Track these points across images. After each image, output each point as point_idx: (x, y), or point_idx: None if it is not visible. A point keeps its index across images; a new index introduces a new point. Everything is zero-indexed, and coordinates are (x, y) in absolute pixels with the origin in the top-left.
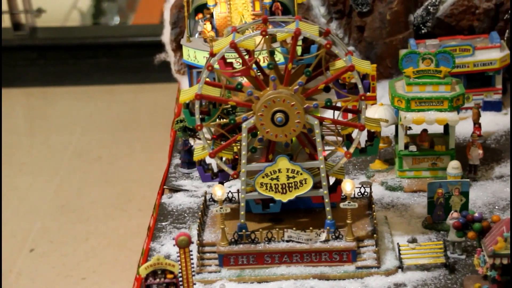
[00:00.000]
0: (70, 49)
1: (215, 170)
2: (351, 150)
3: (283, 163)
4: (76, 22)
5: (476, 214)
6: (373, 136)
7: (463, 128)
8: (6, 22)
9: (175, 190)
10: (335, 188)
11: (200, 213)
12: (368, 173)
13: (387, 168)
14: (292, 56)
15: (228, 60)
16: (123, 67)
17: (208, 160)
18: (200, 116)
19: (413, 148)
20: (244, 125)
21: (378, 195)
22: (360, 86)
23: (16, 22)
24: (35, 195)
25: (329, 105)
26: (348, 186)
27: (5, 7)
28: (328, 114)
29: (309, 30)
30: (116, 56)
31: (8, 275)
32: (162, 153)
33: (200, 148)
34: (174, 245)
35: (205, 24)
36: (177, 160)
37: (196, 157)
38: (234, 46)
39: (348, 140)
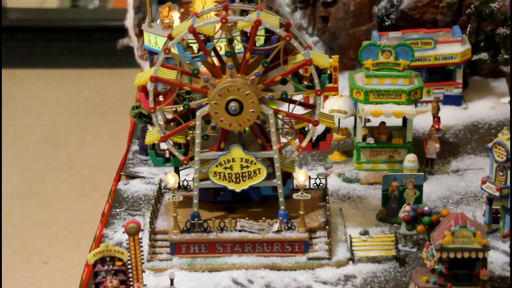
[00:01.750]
0: (41, 31)
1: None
2: (303, 144)
3: (237, 152)
4: (54, 4)
5: (426, 208)
6: (326, 131)
7: (423, 121)
8: None
9: (132, 176)
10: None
11: (153, 201)
12: (326, 164)
13: (345, 160)
14: (250, 45)
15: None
16: (94, 51)
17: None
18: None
19: (370, 140)
20: (198, 113)
21: (334, 187)
22: (316, 81)
23: None
24: None
25: (285, 98)
26: (301, 177)
27: None
28: (284, 107)
29: (270, 21)
30: (88, 39)
31: None
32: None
33: (152, 131)
34: (123, 232)
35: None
36: (135, 147)
37: (148, 140)
38: (192, 31)
39: (301, 133)
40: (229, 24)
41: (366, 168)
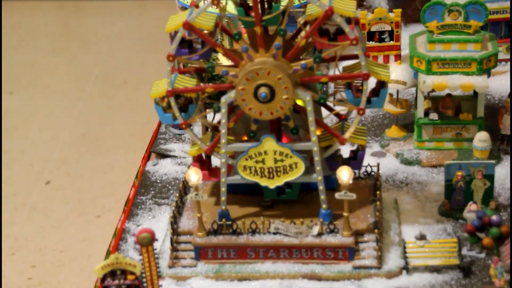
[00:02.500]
0: None
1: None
2: (362, 105)
3: (269, 144)
4: None
5: (494, 217)
6: (380, 86)
7: (500, 85)
8: None
9: (162, 155)
10: (355, 156)
11: (178, 194)
12: (382, 140)
13: (405, 136)
14: (257, 16)
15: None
16: None
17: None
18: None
19: (434, 116)
20: (223, 99)
21: (391, 170)
22: (364, 98)
23: None
24: (56, 122)
25: (318, 62)
26: (345, 174)
27: None
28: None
29: (344, 8)
30: None
31: (21, 208)
32: None
33: (160, 83)
34: (135, 243)
35: None
36: None
37: (154, 94)
38: (188, 27)
39: (349, 88)
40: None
41: (429, 148)
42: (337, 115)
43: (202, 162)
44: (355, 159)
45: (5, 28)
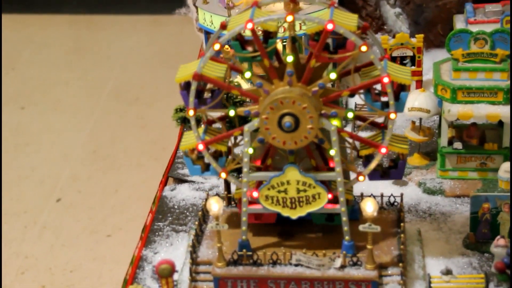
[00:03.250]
0: None
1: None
2: (365, 172)
3: (292, 174)
4: None
5: None
6: (400, 90)
7: None
8: None
9: (180, 180)
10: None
11: (197, 222)
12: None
13: (427, 164)
14: (318, 51)
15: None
16: None
17: None
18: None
19: (458, 145)
20: (246, 128)
21: (413, 199)
22: (391, 102)
23: None
24: (67, 138)
25: (335, 78)
26: (370, 206)
27: None
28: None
29: (346, 23)
30: None
31: (32, 227)
32: None
33: (189, 135)
34: (154, 272)
35: None
36: None
37: (184, 146)
38: (199, 78)
39: (368, 92)
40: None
41: (452, 177)
42: (375, 124)
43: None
44: (395, 168)
45: (17, 42)
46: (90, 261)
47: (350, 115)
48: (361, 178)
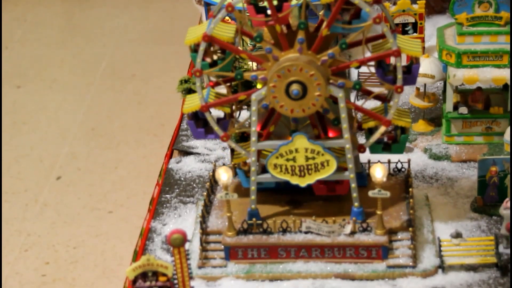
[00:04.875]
0: None
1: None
2: (399, 82)
3: (300, 141)
4: None
5: None
6: (412, 62)
7: None
8: None
9: (185, 152)
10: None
11: (205, 193)
12: (410, 135)
13: (433, 130)
14: (331, 20)
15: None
16: None
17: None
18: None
19: (463, 109)
20: (253, 96)
21: (420, 166)
22: (399, 76)
23: None
24: (64, 116)
25: (358, 88)
26: (379, 172)
27: None
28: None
29: None
30: None
31: (33, 205)
32: None
33: (193, 97)
34: (165, 243)
35: None
36: None
37: (186, 109)
38: (208, 39)
39: (380, 67)
40: None
41: (458, 142)
42: (378, 97)
43: (197, 118)
44: (409, 74)
45: (9, 21)
46: (93, 238)
47: (357, 87)
48: (362, 150)
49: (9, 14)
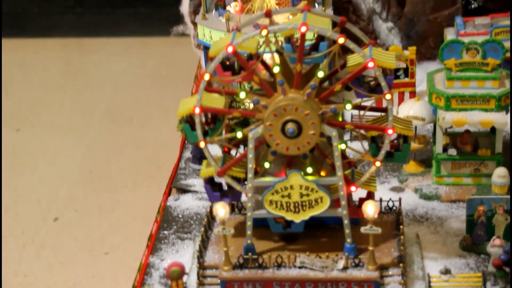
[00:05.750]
0: None
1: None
2: (380, 157)
3: (295, 178)
4: None
5: None
6: (403, 141)
7: None
8: None
9: (183, 190)
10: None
11: (203, 229)
12: (401, 176)
13: (423, 171)
14: (300, 55)
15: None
16: (162, 17)
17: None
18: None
19: (452, 151)
20: (250, 135)
21: (410, 205)
22: (383, 83)
23: None
24: (63, 159)
25: (350, 107)
26: (370, 208)
27: None
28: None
29: (319, 23)
30: (155, 5)
31: (30, 246)
32: None
33: (206, 164)
34: (164, 277)
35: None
36: (188, 153)
37: (203, 174)
38: (233, 51)
39: (373, 142)
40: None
41: (447, 183)
42: (348, 163)
43: (213, 183)
44: (400, 151)
45: (10, 66)
46: (89, 278)
47: (348, 106)
48: (377, 163)
49: (10, 58)
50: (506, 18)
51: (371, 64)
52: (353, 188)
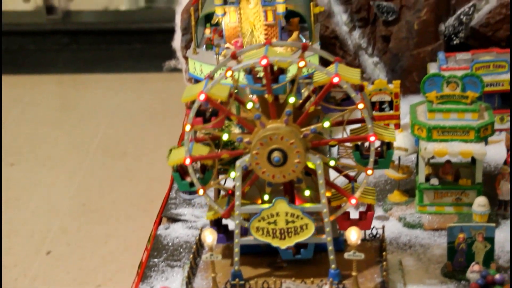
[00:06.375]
0: (103, 34)
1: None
2: (370, 165)
3: (281, 206)
4: (123, 6)
5: (497, 276)
6: (386, 148)
7: (495, 153)
8: (39, 4)
9: (174, 219)
10: (365, 214)
11: (191, 256)
12: (385, 205)
13: (407, 201)
14: (269, 86)
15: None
16: (156, 53)
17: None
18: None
19: (434, 181)
20: (238, 163)
21: (394, 233)
22: (353, 94)
23: (49, 5)
24: (56, 192)
25: (333, 165)
26: (354, 234)
27: None
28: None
29: (349, 74)
30: (150, 42)
31: (22, 280)
32: None
33: (176, 151)
34: None
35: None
36: None
37: (171, 162)
38: (206, 99)
39: (357, 150)
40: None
41: (430, 212)
42: (346, 176)
43: (219, 225)
44: (365, 219)
45: (7, 102)
46: None
47: (326, 124)
48: (369, 172)
49: (6, 94)
50: (486, 54)
51: (336, 80)
52: (353, 201)
